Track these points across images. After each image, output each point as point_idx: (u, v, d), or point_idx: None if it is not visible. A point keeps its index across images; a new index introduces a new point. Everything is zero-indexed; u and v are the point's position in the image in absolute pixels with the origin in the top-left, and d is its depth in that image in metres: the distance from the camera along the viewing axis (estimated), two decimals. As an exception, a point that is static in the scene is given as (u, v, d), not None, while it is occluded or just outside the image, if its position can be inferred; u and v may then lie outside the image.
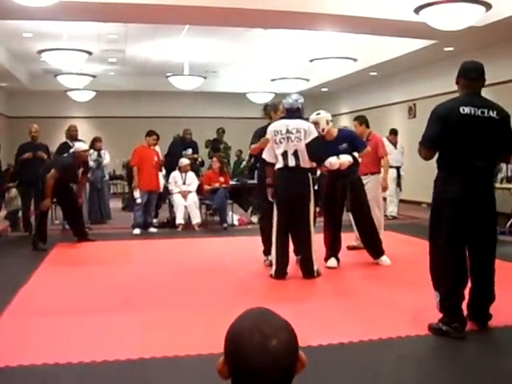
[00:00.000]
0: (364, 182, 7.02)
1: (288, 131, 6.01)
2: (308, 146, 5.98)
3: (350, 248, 7.59)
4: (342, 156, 6.41)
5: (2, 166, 9.66)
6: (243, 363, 1.25)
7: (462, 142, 4.05)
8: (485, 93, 4.23)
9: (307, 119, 6.34)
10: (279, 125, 6.15)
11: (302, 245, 6.19)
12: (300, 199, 6.05)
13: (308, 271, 6.09)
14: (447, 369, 3.69)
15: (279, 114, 6.59)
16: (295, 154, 5.99)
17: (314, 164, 6.32)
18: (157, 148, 10.52)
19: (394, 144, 11.30)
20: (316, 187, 8.07)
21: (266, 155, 6.27)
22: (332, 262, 6.68)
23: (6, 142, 13.10)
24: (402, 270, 6.60)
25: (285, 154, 6.02)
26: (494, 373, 3.60)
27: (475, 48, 10.41)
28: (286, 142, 6.00)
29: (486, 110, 4.04)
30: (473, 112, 4.02)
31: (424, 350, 4.03)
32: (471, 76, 4.18)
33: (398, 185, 11.33)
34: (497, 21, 8.57)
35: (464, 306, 4.17)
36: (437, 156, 4.26)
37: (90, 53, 11.21)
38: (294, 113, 6.16)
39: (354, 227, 7.13)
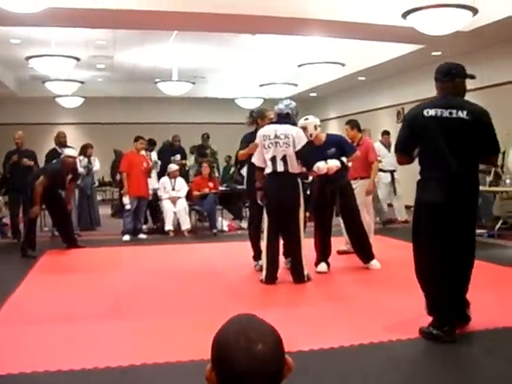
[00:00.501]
0: (353, 186, 7.04)
1: (276, 136, 6.02)
2: (298, 152, 5.98)
3: (340, 252, 7.60)
4: (329, 161, 6.42)
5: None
6: (230, 369, 1.25)
7: (429, 145, 4.05)
8: (472, 97, 4.25)
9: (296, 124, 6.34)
10: (268, 129, 6.16)
11: (293, 250, 6.19)
12: (289, 204, 6.05)
13: (298, 276, 6.09)
14: (439, 372, 3.70)
15: (266, 121, 6.60)
16: (284, 159, 5.99)
17: (304, 169, 6.32)
18: (153, 154, 10.55)
19: (388, 146, 11.21)
20: (308, 192, 8.10)
21: (255, 159, 6.28)
22: (322, 266, 6.69)
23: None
24: (392, 274, 6.61)
25: (273, 159, 6.02)
26: (485, 375, 3.61)
27: (462, 52, 10.47)
28: (275, 147, 6.00)
29: (454, 111, 3.96)
30: (439, 114, 3.98)
31: (415, 353, 4.04)
32: (440, 77, 4.18)
33: (394, 189, 11.25)
34: (484, 25, 8.62)
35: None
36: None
37: (78, 59, 11.17)
38: (283, 118, 6.17)
39: (344, 232, 7.14)
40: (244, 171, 9.17)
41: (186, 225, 10.04)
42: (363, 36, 9.99)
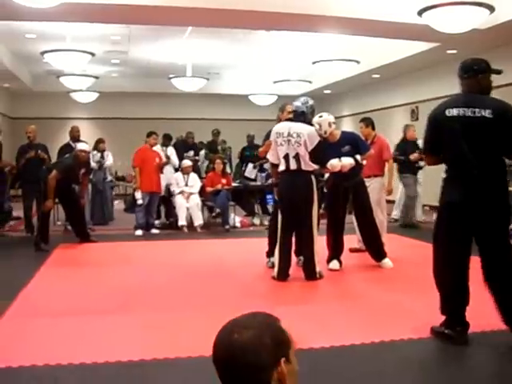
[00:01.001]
0: (367, 184, 7.01)
1: (289, 134, 6.00)
2: (312, 151, 5.97)
3: (352, 250, 7.57)
4: (343, 158, 6.40)
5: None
6: (213, 360, 1.34)
7: (452, 145, 3.97)
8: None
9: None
10: (282, 127, 6.15)
11: (305, 247, 6.18)
12: (302, 202, 6.04)
13: (310, 273, 6.09)
14: (450, 372, 3.68)
15: (285, 115, 6.62)
16: (296, 157, 5.98)
17: (317, 166, 6.29)
18: (169, 149, 10.57)
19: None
20: (325, 190, 8.07)
21: (269, 156, 6.29)
22: (334, 264, 6.67)
23: (9, 143, 13.09)
24: (404, 273, 6.59)
25: (286, 157, 6.02)
26: (497, 376, 3.59)
27: (478, 51, 10.37)
28: (287, 145, 6.00)
29: (477, 110, 3.85)
30: (461, 113, 3.88)
31: (427, 352, 4.02)
32: (462, 74, 4.10)
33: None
34: (500, 23, 8.55)
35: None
36: None
37: (92, 54, 11.20)
38: (298, 116, 6.16)
39: (357, 230, 7.12)
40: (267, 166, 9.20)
41: (198, 220, 10.04)
42: (378, 33, 9.94)
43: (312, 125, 6.24)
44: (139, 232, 9.61)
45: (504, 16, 8.30)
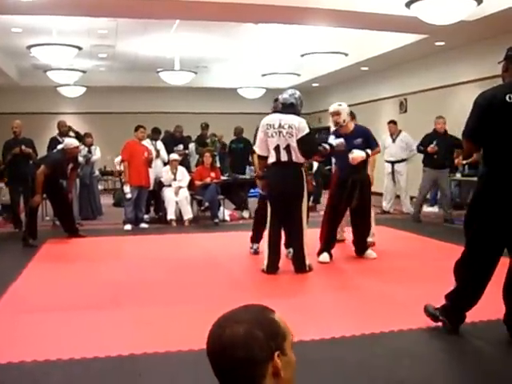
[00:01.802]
0: None
1: (280, 125, 5.99)
2: (299, 141, 5.95)
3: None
4: (355, 151, 6.48)
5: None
6: (207, 354, 1.35)
7: (506, 133, 3.66)
8: (476, 87, 4.17)
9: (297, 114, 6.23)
10: (272, 118, 6.13)
11: (295, 239, 6.18)
12: (292, 194, 6.03)
13: (300, 265, 6.08)
14: (440, 362, 3.69)
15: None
16: (287, 148, 5.96)
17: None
18: (158, 143, 10.55)
19: (393, 136, 11.21)
20: (314, 183, 8.09)
21: (257, 148, 6.27)
22: (325, 256, 6.68)
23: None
24: (394, 265, 6.60)
25: (277, 149, 6.00)
26: (487, 366, 3.60)
27: (466, 42, 10.41)
28: (278, 137, 5.98)
29: None
30: None
31: (417, 343, 4.02)
32: None
33: (393, 180, 11.20)
34: (488, 15, 8.57)
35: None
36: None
37: (79, 48, 11.13)
38: (287, 108, 6.14)
39: (345, 221, 7.14)
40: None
41: (187, 214, 10.02)
42: (366, 25, 9.94)
43: (300, 115, 6.22)
44: (128, 226, 9.57)
45: (491, 8, 8.31)
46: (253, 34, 11.91)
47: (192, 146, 13.41)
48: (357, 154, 6.47)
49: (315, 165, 13.51)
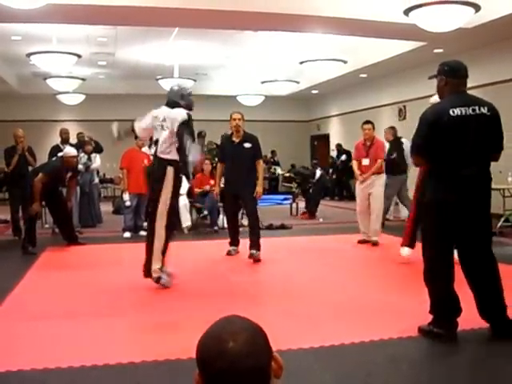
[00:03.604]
0: (373, 180, 7.76)
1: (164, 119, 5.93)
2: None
3: (360, 242, 8.16)
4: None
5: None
6: (208, 372, 1.28)
7: (453, 146, 3.92)
8: (475, 94, 4.20)
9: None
10: (159, 111, 6.09)
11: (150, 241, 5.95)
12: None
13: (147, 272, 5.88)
14: (439, 370, 3.68)
15: (231, 122, 7.42)
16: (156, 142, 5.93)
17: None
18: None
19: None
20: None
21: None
22: (406, 250, 6.74)
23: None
24: (394, 272, 6.60)
25: (156, 142, 5.96)
26: (486, 373, 3.59)
27: (465, 49, 10.44)
28: (160, 130, 5.90)
29: (477, 108, 3.92)
30: (463, 112, 3.89)
31: (416, 351, 4.02)
32: (461, 74, 4.10)
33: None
34: (486, 22, 8.60)
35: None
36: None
37: (79, 56, 11.16)
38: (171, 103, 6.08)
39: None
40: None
41: (186, 222, 10.02)
42: (365, 33, 9.97)
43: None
44: (127, 234, 9.57)
45: (490, 15, 8.34)
46: (252, 42, 11.94)
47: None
48: None
49: (318, 173, 13.57)
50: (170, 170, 5.82)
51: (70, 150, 8.80)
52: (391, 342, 4.09)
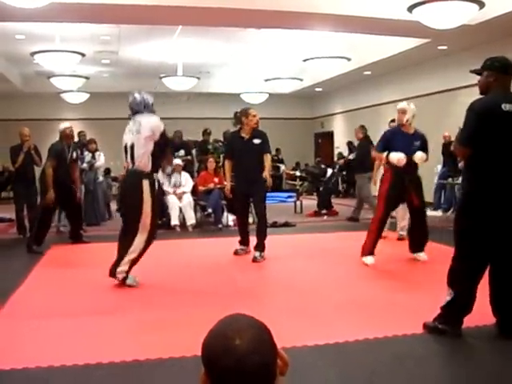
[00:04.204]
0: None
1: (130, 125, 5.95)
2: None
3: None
4: (419, 153, 6.65)
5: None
6: (214, 369, 1.27)
7: (499, 141, 3.85)
8: (477, 91, 4.17)
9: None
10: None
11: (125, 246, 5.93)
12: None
13: (112, 272, 5.90)
14: (444, 366, 3.68)
15: (250, 119, 7.06)
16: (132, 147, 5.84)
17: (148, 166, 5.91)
18: None
19: None
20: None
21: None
22: (369, 259, 6.73)
23: (0, 145, 13.05)
24: (399, 270, 6.59)
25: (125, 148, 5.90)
26: (491, 371, 3.59)
27: (468, 46, 10.42)
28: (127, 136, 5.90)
29: None
30: None
31: (421, 348, 4.01)
32: (510, 71, 4.01)
33: None
34: (490, 19, 8.57)
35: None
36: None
37: (83, 54, 11.18)
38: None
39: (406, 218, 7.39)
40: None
41: (191, 220, 10.03)
42: (369, 30, 9.95)
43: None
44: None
45: (493, 11, 8.31)
46: (255, 40, 11.94)
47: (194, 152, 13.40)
48: (422, 156, 6.67)
49: (329, 171, 13.58)
50: (145, 183, 5.75)
51: (63, 124, 8.82)
52: (396, 339, 4.09)
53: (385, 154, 6.66)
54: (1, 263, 7.34)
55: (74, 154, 8.71)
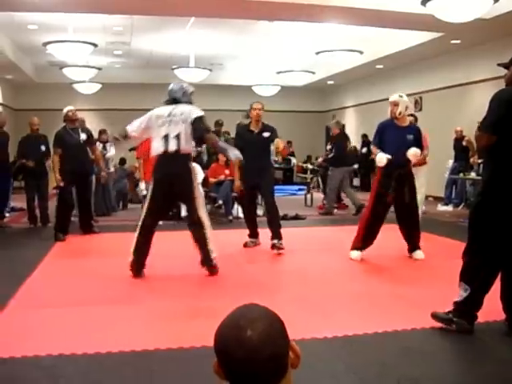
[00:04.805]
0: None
1: (171, 114, 5.85)
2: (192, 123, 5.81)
3: None
4: (413, 148, 6.45)
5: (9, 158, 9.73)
6: (227, 359, 1.28)
7: None
8: (492, 85, 4.16)
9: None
10: (160, 110, 5.99)
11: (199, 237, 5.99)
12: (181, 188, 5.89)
13: (207, 263, 5.91)
14: (453, 361, 3.68)
15: (252, 112, 7.31)
16: (177, 136, 5.77)
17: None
18: None
19: None
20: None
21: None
22: (356, 254, 6.67)
23: (11, 134, 13.06)
24: (408, 264, 6.58)
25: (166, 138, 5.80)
26: (500, 366, 3.58)
27: (482, 41, 10.35)
28: (168, 126, 5.80)
29: None
30: None
31: (429, 342, 4.01)
32: None
33: None
34: (504, 13, 8.52)
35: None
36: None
37: (95, 45, 11.20)
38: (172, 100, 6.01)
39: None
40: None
41: (201, 212, 10.04)
42: (382, 23, 9.91)
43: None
44: (143, 223, 9.59)
45: (508, 6, 8.26)
46: (268, 32, 11.92)
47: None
48: (415, 152, 6.45)
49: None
50: (194, 167, 5.95)
51: (65, 109, 8.79)
52: (405, 333, 4.09)
53: (378, 150, 6.54)
54: (12, 252, 7.38)
55: (84, 136, 8.62)
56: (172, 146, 5.73)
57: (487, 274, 3.97)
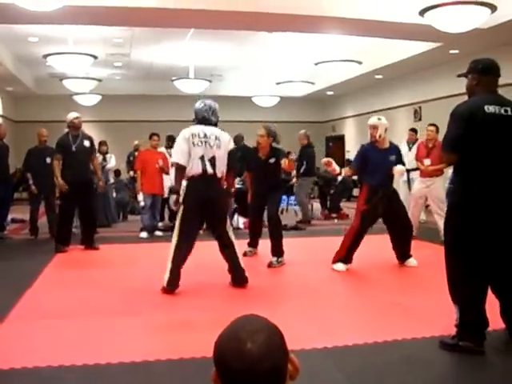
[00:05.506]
0: (433, 181, 8.07)
1: (206, 136, 5.77)
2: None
3: None
4: (399, 166, 6.68)
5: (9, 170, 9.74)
6: (226, 370, 1.27)
7: (485, 143, 3.77)
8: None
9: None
10: (194, 129, 5.88)
11: (230, 253, 6.06)
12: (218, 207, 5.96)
13: (241, 278, 5.93)
14: (454, 370, 3.67)
15: (256, 138, 7.40)
16: (212, 160, 5.74)
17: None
18: (169, 150, 10.55)
19: (408, 143, 11.11)
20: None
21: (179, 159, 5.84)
22: (340, 266, 6.66)
23: (12, 146, 13.09)
24: (409, 274, 6.58)
25: (202, 159, 5.72)
26: (500, 376, 3.58)
27: (480, 50, 10.35)
28: (204, 147, 5.72)
29: (509, 109, 3.78)
30: (497, 111, 3.76)
31: (430, 352, 4.00)
32: (494, 73, 3.97)
33: (409, 188, 11.18)
34: (502, 23, 8.56)
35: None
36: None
37: (95, 57, 11.23)
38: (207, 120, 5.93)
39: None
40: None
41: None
42: (380, 34, 9.95)
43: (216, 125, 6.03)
44: (144, 234, 9.60)
45: (506, 15, 8.30)
46: (267, 43, 11.95)
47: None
48: (400, 169, 6.71)
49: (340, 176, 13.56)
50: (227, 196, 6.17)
51: (69, 115, 8.72)
52: (405, 342, 4.08)
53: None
54: (12, 263, 7.38)
55: (87, 143, 8.51)
56: (209, 169, 5.72)
57: (471, 290, 3.86)
